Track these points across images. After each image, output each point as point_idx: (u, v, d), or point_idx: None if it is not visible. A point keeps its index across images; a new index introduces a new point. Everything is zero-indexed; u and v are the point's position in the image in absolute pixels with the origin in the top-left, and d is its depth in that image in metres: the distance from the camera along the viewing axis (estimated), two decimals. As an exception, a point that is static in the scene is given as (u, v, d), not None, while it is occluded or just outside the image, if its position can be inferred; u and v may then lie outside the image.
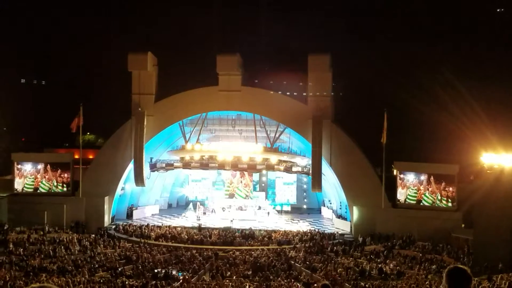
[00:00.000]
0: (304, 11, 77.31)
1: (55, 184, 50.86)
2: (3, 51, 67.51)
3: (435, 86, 55.54)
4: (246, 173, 54.45)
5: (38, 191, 50.72)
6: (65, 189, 50.82)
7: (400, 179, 48.02)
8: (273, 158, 50.49)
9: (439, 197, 46.96)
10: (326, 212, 55.87)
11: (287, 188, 56.65)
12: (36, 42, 77.45)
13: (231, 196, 55.89)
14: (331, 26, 71.92)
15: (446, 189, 46.67)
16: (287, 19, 75.45)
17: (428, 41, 68.14)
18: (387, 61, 66.30)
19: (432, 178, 47.03)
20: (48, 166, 50.91)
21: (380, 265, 35.72)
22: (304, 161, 50.71)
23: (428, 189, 47.25)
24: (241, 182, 55.96)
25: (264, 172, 54.99)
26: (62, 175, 50.94)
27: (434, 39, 68.53)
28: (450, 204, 46.36)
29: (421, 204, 47.40)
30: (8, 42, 71.78)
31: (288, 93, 54.33)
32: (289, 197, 56.66)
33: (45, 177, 50.83)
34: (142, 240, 43.92)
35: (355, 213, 47.94)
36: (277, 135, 51.03)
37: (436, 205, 46.95)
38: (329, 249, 41.79)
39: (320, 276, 32.87)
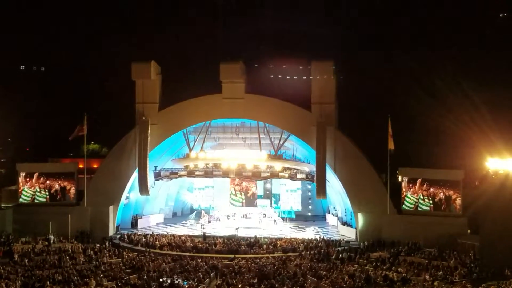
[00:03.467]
0: (307, 15, 77.41)
1: (38, 190, 50.94)
2: (6, 61, 68.03)
3: (440, 91, 55.48)
4: (230, 179, 54.91)
5: (21, 199, 50.88)
6: (47, 196, 50.82)
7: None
8: (278, 166, 50.42)
9: (422, 197, 47.48)
10: (331, 219, 55.69)
11: (290, 195, 56.57)
12: (39, 51, 77.80)
13: None
14: (335, 31, 72.03)
15: (428, 190, 47.41)
16: (289, 22, 75.48)
17: (432, 45, 68.09)
18: (391, 66, 66.30)
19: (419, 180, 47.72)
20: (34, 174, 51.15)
21: (385, 272, 35.56)
22: (309, 168, 50.59)
23: (409, 190, 47.85)
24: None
25: (268, 179, 54.88)
26: (44, 182, 51.00)
27: (439, 43, 68.47)
28: (428, 203, 47.09)
29: (402, 207, 47.98)
30: (11, 50, 72.35)
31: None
32: (294, 205, 56.51)
33: (26, 185, 50.98)
34: (147, 249, 43.84)
35: (360, 220, 47.79)
36: (281, 142, 50.99)
37: (418, 206, 47.49)
38: (334, 256, 41.61)
39: (326, 283, 32.74)
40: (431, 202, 47.35)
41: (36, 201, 50.95)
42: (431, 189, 47.41)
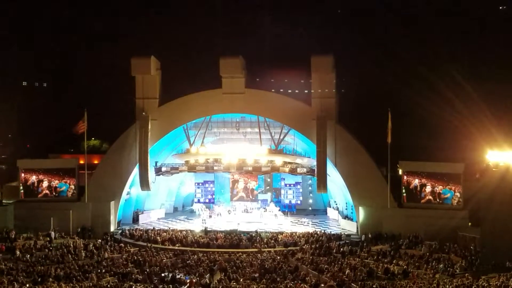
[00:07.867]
0: (307, 11, 77.27)
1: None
2: (5, 55, 67.91)
3: (440, 84, 55.41)
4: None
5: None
6: (22, 190, 50.75)
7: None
8: (278, 160, 50.44)
9: None
10: (332, 213, 55.74)
11: (289, 190, 56.70)
12: (39, 46, 77.63)
13: None
14: (334, 26, 71.90)
15: (402, 178, 47.76)
16: (290, 19, 75.36)
17: (432, 39, 67.99)
18: (391, 60, 66.23)
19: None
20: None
21: (386, 265, 35.65)
22: (309, 162, 50.64)
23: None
24: None
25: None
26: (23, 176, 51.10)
27: (438, 37, 68.36)
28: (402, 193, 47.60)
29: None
30: (10, 46, 72.15)
31: (289, 91, 54.43)
32: (294, 199, 56.60)
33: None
34: (149, 244, 43.93)
35: (361, 213, 47.85)
36: (281, 137, 51.01)
37: None
38: (335, 250, 41.69)
39: (327, 277, 32.81)
40: (404, 192, 47.59)
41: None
42: (405, 177, 47.56)
